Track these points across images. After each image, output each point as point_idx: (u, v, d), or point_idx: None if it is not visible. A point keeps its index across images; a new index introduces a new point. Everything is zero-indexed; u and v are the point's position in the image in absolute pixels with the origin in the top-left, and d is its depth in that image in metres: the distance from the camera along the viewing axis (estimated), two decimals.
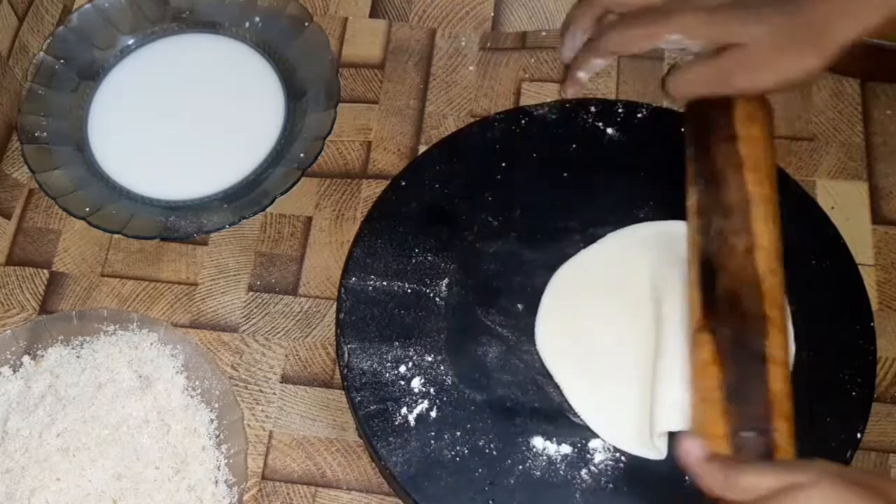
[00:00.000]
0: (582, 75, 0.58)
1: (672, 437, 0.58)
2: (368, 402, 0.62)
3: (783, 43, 0.50)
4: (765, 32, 0.50)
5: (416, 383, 0.62)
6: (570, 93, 0.59)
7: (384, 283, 0.66)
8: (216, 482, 0.63)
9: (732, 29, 0.51)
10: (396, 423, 0.61)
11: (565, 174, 0.69)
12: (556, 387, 0.62)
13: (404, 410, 0.62)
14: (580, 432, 0.60)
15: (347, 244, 0.69)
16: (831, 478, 0.44)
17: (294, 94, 0.77)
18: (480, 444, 0.60)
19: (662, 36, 0.53)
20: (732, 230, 0.52)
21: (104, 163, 0.76)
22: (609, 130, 0.70)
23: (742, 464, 0.46)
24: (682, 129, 0.56)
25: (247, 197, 0.73)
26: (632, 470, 0.59)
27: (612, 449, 0.60)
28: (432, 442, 0.61)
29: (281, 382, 0.68)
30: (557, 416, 0.61)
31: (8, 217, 0.75)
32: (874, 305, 0.65)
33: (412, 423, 0.61)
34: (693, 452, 0.48)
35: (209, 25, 0.81)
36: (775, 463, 0.47)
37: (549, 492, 0.59)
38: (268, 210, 0.72)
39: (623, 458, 0.60)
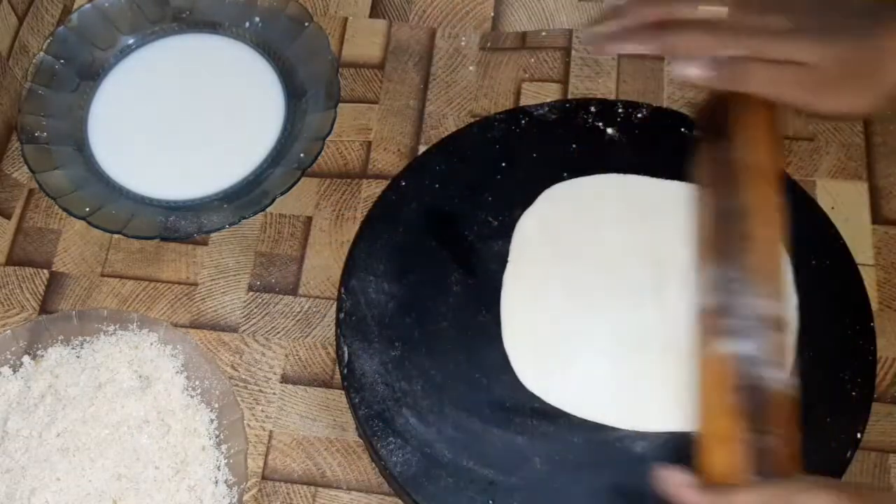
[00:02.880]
0: (614, 49, 0.57)
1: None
2: (368, 402, 0.62)
3: (845, 72, 0.49)
4: (831, 57, 0.49)
5: (416, 383, 0.62)
6: (595, 50, 0.60)
7: (384, 283, 0.66)
8: (216, 482, 0.63)
9: (798, 49, 0.49)
10: (396, 423, 0.61)
11: (565, 174, 0.69)
12: None
13: (404, 411, 0.62)
14: (581, 432, 0.60)
15: (347, 244, 0.69)
16: (827, 489, 0.44)
17: (294, 94, 0.77)
18: (480, 443, 0.60)
19: (724, 48, 0.51)
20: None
21: (104, 163, 0.76)
22: (609, 130, 0.70)
23: (732, 488, 0.46)
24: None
25: (247, 197, 0.73)
26: (632, 470, 0.59)
27: (611, 449, 0.60)
28: (432, 442, 0.61)
29: (281, 382, 0.68)
30: (557, 416, 0.61)
31: (8, 217, 0.75)
32: (874, 305, 0.65)
33: (412, 423, 0.61)
34: (678, 482, 0.48)
35: (209, 25, 0.81)
36: (769, 481, 0.47)
37: (549, 492, 0.59)
38: (268, 210, 0.72)
39: (623, 458, 0.60)
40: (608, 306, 0.64)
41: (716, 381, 0.50)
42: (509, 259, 0.66)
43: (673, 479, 0.48)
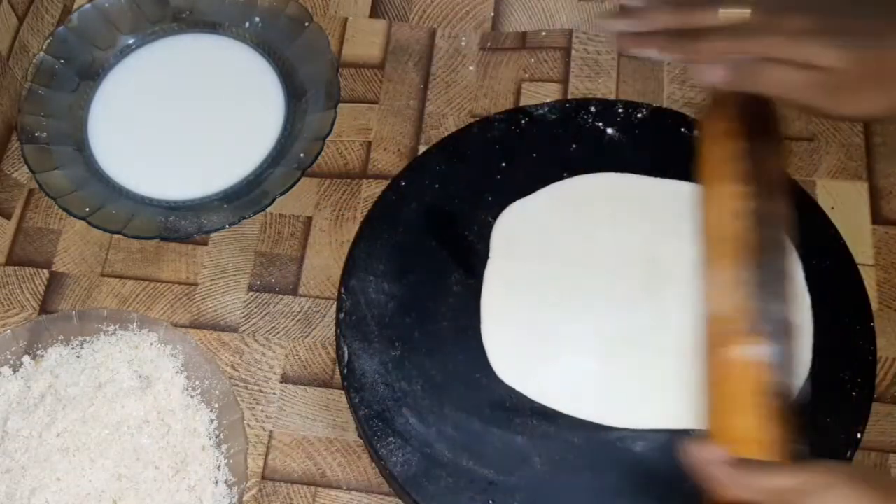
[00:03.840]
0: (635, 52, 0.55)
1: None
2: (368, 402, 0.62)
3: (864, 76, 0.48)
4: (851, 60, 0.48)
5: (416, 383, 0.62)
6: (617, 47, 0.58)
7: (384, 283, 0.66)
8: (216, 482, 0.63)
9: (818, 52, 0.48)
10: (396, 423, 0.61)
11: (565, 174, 0.69)
12: None
13: (404, 410, 0.62)
14: (581, 432, 0.60)
15: (347, 244, 0.69)
16: (846, 478, 0.44)
17: (294, 94, 0.77)
18: (480, 443, 0.60)
19: (745, 52, 0.50)
20: None
21: (104, 163, 0.76)
22: (609, 130, 0.70)
23: (755, 465, 0.46)
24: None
25: (247, 197, 0.73)
26: (632, 470, 0.59)
27: (611, 448, 0.60)
28: (432, 442, 0.61)
29: (281, 382, 0.68)
30: (557, 416, 0.61)
31: (8, 217, 0.75)
32: (874, 305, 0.65)
33: (412, 423, 0.61)
34: (705, 455, 0.47)
35: (209, 25, 0.81)
36: (787, 464, 0.47)
37: (549, 492, 0.59)
38: (268, 210, 0.72)
39: (623, 457, 0.60)
40: (593, 304, 0.64)
41: (742, 385, 0.49)
42: (490, 255, 0.66)
43: (703, 454, 0.47)
